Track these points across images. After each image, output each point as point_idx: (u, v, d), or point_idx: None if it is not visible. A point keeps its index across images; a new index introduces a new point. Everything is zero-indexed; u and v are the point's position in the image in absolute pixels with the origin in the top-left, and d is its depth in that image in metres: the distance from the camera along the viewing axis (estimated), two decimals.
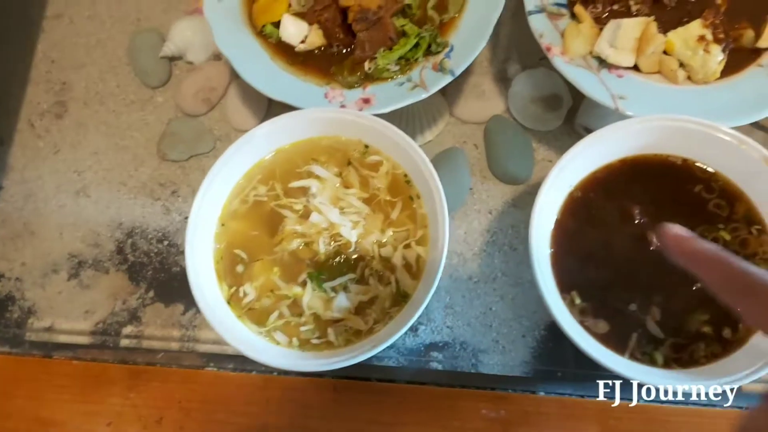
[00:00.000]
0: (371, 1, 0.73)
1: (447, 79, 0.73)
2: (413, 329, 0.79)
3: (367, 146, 0.70)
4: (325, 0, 0.76)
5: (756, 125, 0.83)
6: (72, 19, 1.01)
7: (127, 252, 0.86)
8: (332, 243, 0.66)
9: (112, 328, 0.83)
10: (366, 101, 0.74)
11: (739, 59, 0.73)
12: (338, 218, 0.66)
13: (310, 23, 0.77)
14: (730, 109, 0.71)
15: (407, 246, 0.66)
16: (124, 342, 0.82)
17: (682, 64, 0.72)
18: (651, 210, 0.66)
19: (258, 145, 0.69)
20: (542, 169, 0.85)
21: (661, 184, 0.68)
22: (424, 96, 0.73)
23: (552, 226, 0.67)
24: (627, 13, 0.74)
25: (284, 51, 0.78)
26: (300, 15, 0.78)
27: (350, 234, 0.66)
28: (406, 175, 0.68)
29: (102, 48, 0.99)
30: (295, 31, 0.76)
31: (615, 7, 0.74)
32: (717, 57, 0.71)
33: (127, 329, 0.82)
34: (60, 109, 0.96)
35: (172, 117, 0.93)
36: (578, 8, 0.75)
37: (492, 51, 0.92)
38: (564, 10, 0.76)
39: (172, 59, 0.95)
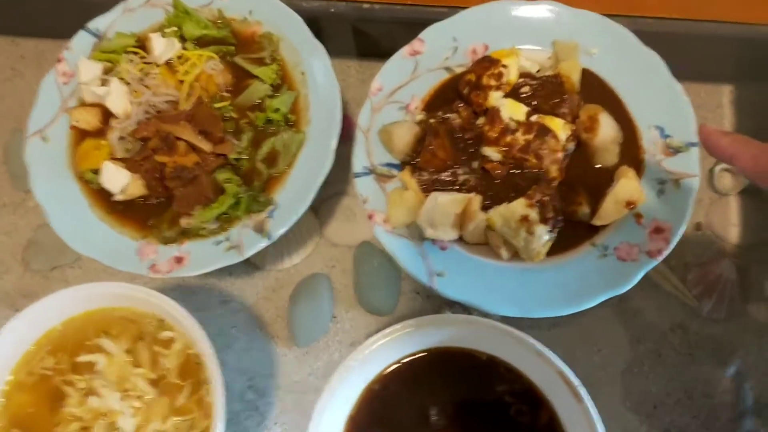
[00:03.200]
0: (187, 159, 0.70)
1: (263, 243, 0.70)
2: None
3: (161, 320, 0.66)
4: (146, 151, 0.72)
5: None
6: None
7: None
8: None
9: None
10: (179, 261, 0.71)
11: (573, 234, 0.69)
12: (118, 404, 0.62)
13: (133, 172, 0.73)
14: (554, 294, 0.66)
15: None
16: None
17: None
18: (450, 410, 0.62)
19: (46, 314, 0.66)
20: (408, 301, 0.81)
21: (464, 381, 0.63)
22: (239, 260, 0.70)
23: (344, 422, 0.63)
24: (454, 182, 0.69)
25: (104, 198, 0.75)
26: (123, 161, 0.74)
27: (127, 423, 0.62)
28: (197, 356, 0.65)
29: None
30: (114, 179, 0.72)
31: (442, 176, 0.69)
32: (541, 239, 0.66)
33: None
34: None
35: (42, 223, 0.90)
36: (404, 175, 0.70)
37: None
38: (395, 172, 0.72)
39: None
